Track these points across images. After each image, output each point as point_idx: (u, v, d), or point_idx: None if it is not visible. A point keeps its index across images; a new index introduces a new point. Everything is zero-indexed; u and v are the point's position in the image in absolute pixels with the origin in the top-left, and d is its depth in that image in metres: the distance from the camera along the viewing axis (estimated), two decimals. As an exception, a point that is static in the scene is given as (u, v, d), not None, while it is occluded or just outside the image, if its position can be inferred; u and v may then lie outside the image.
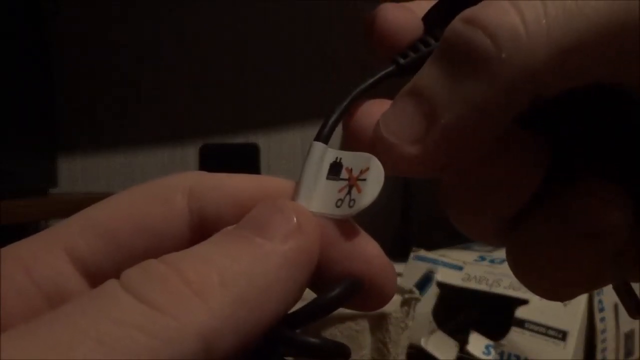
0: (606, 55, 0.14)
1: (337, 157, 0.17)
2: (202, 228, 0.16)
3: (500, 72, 0.14)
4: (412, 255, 0.54)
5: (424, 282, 0.51)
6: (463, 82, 0.15)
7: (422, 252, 0.54)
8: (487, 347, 0.45)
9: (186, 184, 0.16)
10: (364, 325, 0.38)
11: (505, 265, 0.54)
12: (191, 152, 0.91)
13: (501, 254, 0.52)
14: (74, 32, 0.92)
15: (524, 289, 0.48)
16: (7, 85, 0.71)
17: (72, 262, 0.15)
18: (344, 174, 0.16)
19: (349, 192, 0.16)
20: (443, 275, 0.51)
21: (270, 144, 0.94)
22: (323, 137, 0.17)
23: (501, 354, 0.44)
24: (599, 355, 0.43)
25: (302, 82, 0.98)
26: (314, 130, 0.17)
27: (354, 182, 0.16)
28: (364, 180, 0.16)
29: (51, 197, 0.81)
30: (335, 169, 0.16)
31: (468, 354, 0.46)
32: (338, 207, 0.16)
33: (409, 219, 0.93)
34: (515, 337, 0.44)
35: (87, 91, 0.94)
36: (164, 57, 0.95)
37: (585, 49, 0.14)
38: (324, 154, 0.17)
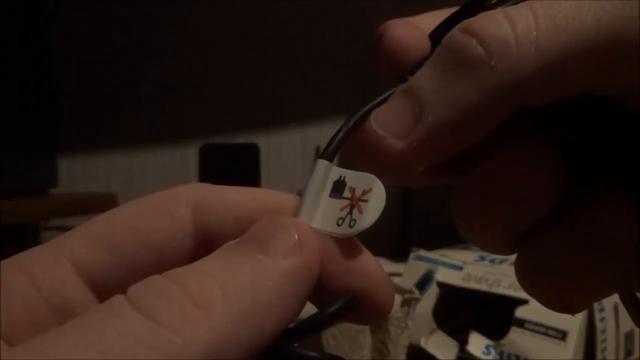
0: (594, 68, 0.15)
1: (341, 176, 0.17)
2: (205, 240, 0.16)
3: (488, 78, 0.15)
4: (412, 255, 0.54)
5: (424, 282, 0.51)
6: (453, 85, 0.15)
7: (422, 252, 0.54)
8: (487, 347, 0.45)
9: (190, 197, 0.17)
10: (364, 325, 0.38)
11: (505, 265, 0.54)
12: (191, 152, 0.91)
13: (501, 254, 0.52)
14: (74, 32, 0.92)
15: (524, 289, 0.47)
16: (7, 86, 0.71)
17: (77, 273, 0.16)
18: (346, 193, 0.17)
19: (350, 212, 0.16)
20: (443, 275, 0.51)
21: (270, 144, 0.94)
22: (328, 154, 0.17)
23: (501, 354, 0.44)
24: (599, 355, 0.43)
25: (302, 82, 0.98)
26: (314, 130, 0.17)
27: (356, 202, 0.16)
28: (366, 201, 0.16)
29: (51, 197, 0.81)
30: (338, 187, 0.17)
31: (468, 354, 0.46)
32: (339, 225, 0.16)
33: (409, 219, 0.93)
34: (515, 337, 0.44)
35: (87, 91, 0.94)
36: (164, 57, 0.95)
37: (572, 61, 0.14)
38: (328, 172, 0.17)
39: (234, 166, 0.74)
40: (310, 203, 0.16)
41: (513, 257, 0.17)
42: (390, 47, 0.19)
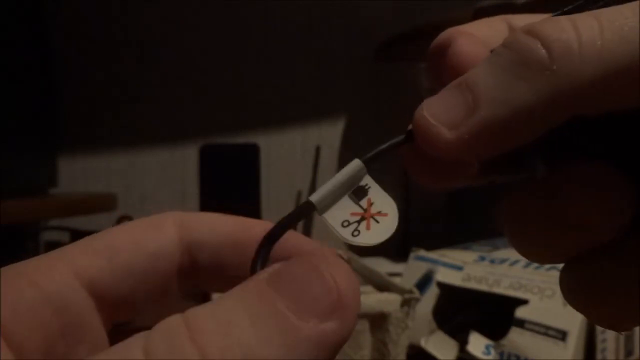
0: None
1: (367, 185, 0.17)
2: (189, 250, 0.18)
3: (547, 82, 0.15)
4: (412, 255, 0.54)
5: (424, 282, 0.51)
6: (510, 84, 0.16)
7: (422, 252, 0.54)
8: (487, 347, 0.45)
9: (176, 216, 0.18)
10: (364, 325, 0.38)
11: (505, 265, 0.54)
12: (191, 152, 0.91)
13: (501, 254, 0.52)
14: (74, 31, 0.92)
15: (524, 288, 0.48)
16: (6, 85, 0.71)
17: (76, 278, 0.16)
18: (364, 202, 0.17)
19: (359, 222, 0.16)
20: (443, 275, 0.51)
21: (270, 144, 0.94)
22: (366, 159, 0.17)
23: (501, 354, 0.44)
24: (599, 355, 0.43)
25: (302, 82, 0.98)
26: (314, 131, 0.18)
27: (368, 217, 0.16)
28: (377, 222, 0.16)
29: (51, 197, 0.81)
30: (359, 193, 0.17)
31: (468, 354, 0.46)
32: (343, 227, 0.16)
33: (409, 219, 0.93)
34: (515, 337, 0.44)
35: (87, 91, 0.94)
36: (164, 57, 0.95)
37: (633, 73, 0.14)
38: (359, 174, 0.17)
39: (234, 166, 0.74)
40: (330, 193, 0.17)
41: (513, 257, 0.17)
42: (456, 63, 0.19)
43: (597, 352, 0.43)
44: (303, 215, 0.17)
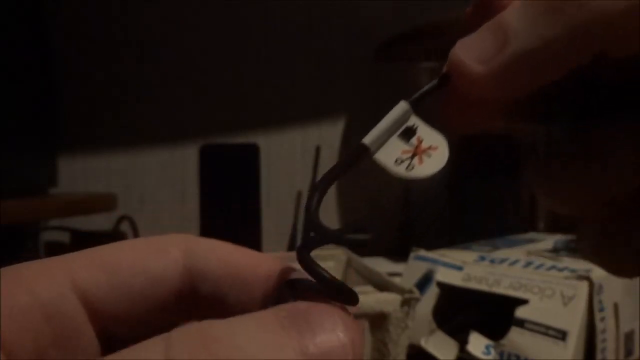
0: None
1: (414, 124, 0.17)
2: (191, 278, 0.18)
3: (577, 15, 0.15)
4: (412, 255, 0.54)
5: (424, 282, 0.51)
6: (540, 18, 0.16)
7: (422, 252, 0.54)
8: (487, 347, 0.45)
9: (182, 241, 0.18)
10: (363, 325, 0.38)
11: (505, 265, 0.54)
12: (191, 152, 0.91)
13: (501, 254, 0.52)
14: (74, 32, 0.92)
15: (524, 288, 0.48)
16: (6, 85, 0.71)
17: (73, 290, 0.16)
18: (414, 140, 0.17)
19: (411, 158, 0.17)
20: (443, 275, 0.51)
21: (270, 144, 0.94)
22: (412, 100, 0.18)
23: (501, 354, 0.44)
24: (599, 355, 0.43)
25: (302, 82, 0.98)
26: (314, 131, 0.18)
27: (419, 152, 0.17)
28: (429, 156, 0.17)
29: (51, 197, 0.80)
30: (408, 133, 0.17)
31: (468, 354, 0.46)
32: (397, 164, 0.17)
33: (409, 218, 0.93)
34: (515, 337, 0.44)
35: (87, 91, 0.94)
36: (164, 57, 0.95)
37: None
38: (405, 115, 0.17)
39: (234, 166, 0.74)
40: (379, 136, 0.17)
41: (513, 257, 0.17)
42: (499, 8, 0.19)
43: (597, 352, 0.43)
44: (358, 159, 0.17)
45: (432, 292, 0.50)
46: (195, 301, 0.18)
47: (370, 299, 0.38)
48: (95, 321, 0.17)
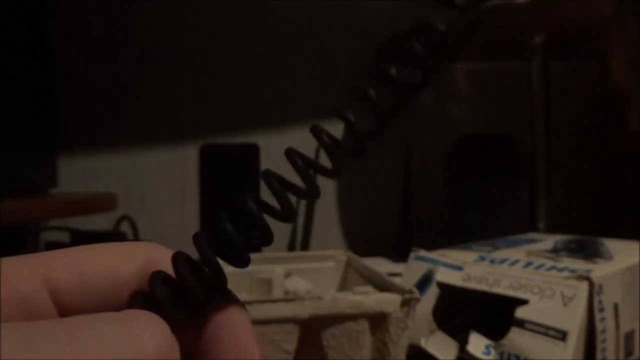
0: None
1: None
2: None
3: None
4: (412, 255, 0.54)
5: (424, 282, 0.51)
6: None
7: (422, 252, 0.54)
8: (487, 347, 0.45)
9: (149, 249, 0.20)
10: (364, 325, 0.38)
11: (505, 265, 0.54)
12: (191, 152, 0.91)
13: (501, 254, 0.52)
14: (74, 32, 0.92)
15: (524, 288, 0.48)
16: (6, 85, 0.71)
17: (46, 289, 0.17)
18: None
19: None
20: (443, 275, 0.51)
21: (270, 144, 0.94)
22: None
23: (501, 354, 0.44)
24: (599, 356, 0.43)
25: (302, 82, 0.98)
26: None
27: None
28: None
29: (51, 197, 0.80)
30: None
31: (468, 354, 0.46)
32: None
33: (409, 219, 0.93)
34: (515, 337, 0.44)
35: (87, 91, 0.94)
36: (164, 57, 0.95)
37: None
38: None
39: (234, 166, 0.74)
40: None
41: (513, 257, 0.17)
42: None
43: (597, 352, 0.43)
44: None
45: (432, 292, 0.50)
46: None
47: (370, 299, 0.38)
48: (63, 316, 0.18)
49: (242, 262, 0.19)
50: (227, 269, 0.19)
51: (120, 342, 0.15)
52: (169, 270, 0.18)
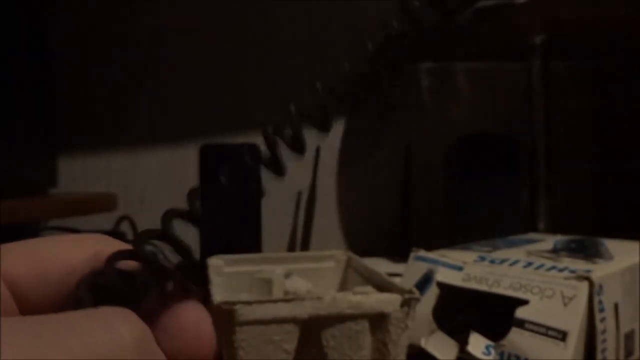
0: None
1: None
2: None
3: None
4: (412, 255, 0.54)
5: (424, 282, 0.51)
6: None
7: (422, 252, 0.54)
8: (487, 347, 0.45)
9: (100, 240, 0.21)
10: (364, 325, 0.38)
11: (505, 265, 0.54)
12: (191, 152, 0.91)
13: (501, 254, 0.52)
14: (74, 31, 0.92)
15: (524, 289, 0.48)
16: (6, 85, 0.71)
17: (5, 280, 0.18)
18: None
19: None
20: (443, 275, 0.51)
21: (270, 144, 0.94)
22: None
23: (501, 355, 0.44)
24: (599, 356, 0.43)
25: (301, 82, 0.98)
26: (314, 130, 0.17)
27: None
28: None
29: (51, 197, 0.80)
30: None
31: (468, 354, 0.46)
32: None
33: (409, 219, 0.93)
34: (515, 338, 0.44)
35: (87, 91, 0.94)
36: (164, 57, 0.95)
37: None
38: None
39: (234, 166, 0.74)
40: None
41: (513, 257, 0.17)
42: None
43: (597, 352, 0.43)
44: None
45: (432, 293, 0.50)
46: None
47: (370, 299, 0.38)
48: (21, 306, 0.19)
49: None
50: (227, 268, 0.19)
51: (100, 335, 0.16)
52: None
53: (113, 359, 0.15)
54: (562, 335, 0.42)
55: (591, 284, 0.43)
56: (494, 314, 0.47)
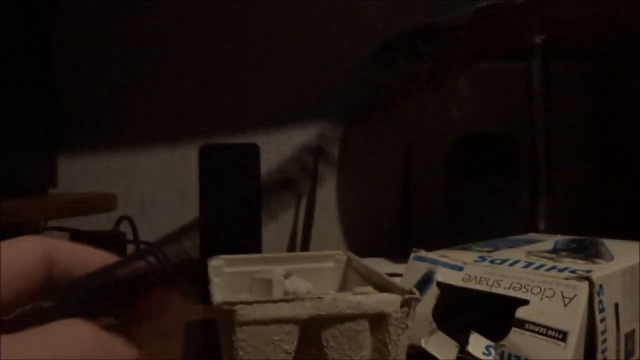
0: None
1: None
2: (47, 267, 0.23)
3: None
4: (412, 255, 0.54)
5: (424, 283, 0.51)
6: None
7: (422, 252, 0.54)
8: (487, 347, 0.45)
9: (44, 241, 0.24)
10: (364, 325, 0.38)
11: (505, 265, 0.54)
12: (191, 152, 0.91)
13: (501, 254, 0.52)
14: (74, 31, 0.92)
15: (524, 289, 0.48)
16: (6, 85, 0.71)
17: None
18: None
19: None
20: (443, 275, 0.51)
21: (270, 144, 0.94)
22: None
23: (501, 355, 0.44)
24: (599, 356, 0.43)
25: (302, 82, 0.98)
26: (314, 130, 0.17)
27: None
28: None
29: (51, 197, 0.80)
30: None
31: (468, 354, 0.46)
32: None
33: (409, 219, 0.93)
34: (516, 338, 0.44)
35: (87, 91, 0.94)
36: (164, 57, 0.95)
37: None
38: None
39: (234, 166, 0.74)
40: None
41: (513, 257, 0.17)
42: None
43: (598, 352, 0.43)
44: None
45: (432, 293, 0.50)
46: (52, 287, 0.23)
47: (370, 299, 0.38)
48: None
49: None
50: (227, 268, 0.19)
51: (62, 340, 0.18)
52: (68, 260, 0.22)
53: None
54: (562, 336, 0.42)
55: (591, 284, 0.43)
56: (494, 314, 0.47)
